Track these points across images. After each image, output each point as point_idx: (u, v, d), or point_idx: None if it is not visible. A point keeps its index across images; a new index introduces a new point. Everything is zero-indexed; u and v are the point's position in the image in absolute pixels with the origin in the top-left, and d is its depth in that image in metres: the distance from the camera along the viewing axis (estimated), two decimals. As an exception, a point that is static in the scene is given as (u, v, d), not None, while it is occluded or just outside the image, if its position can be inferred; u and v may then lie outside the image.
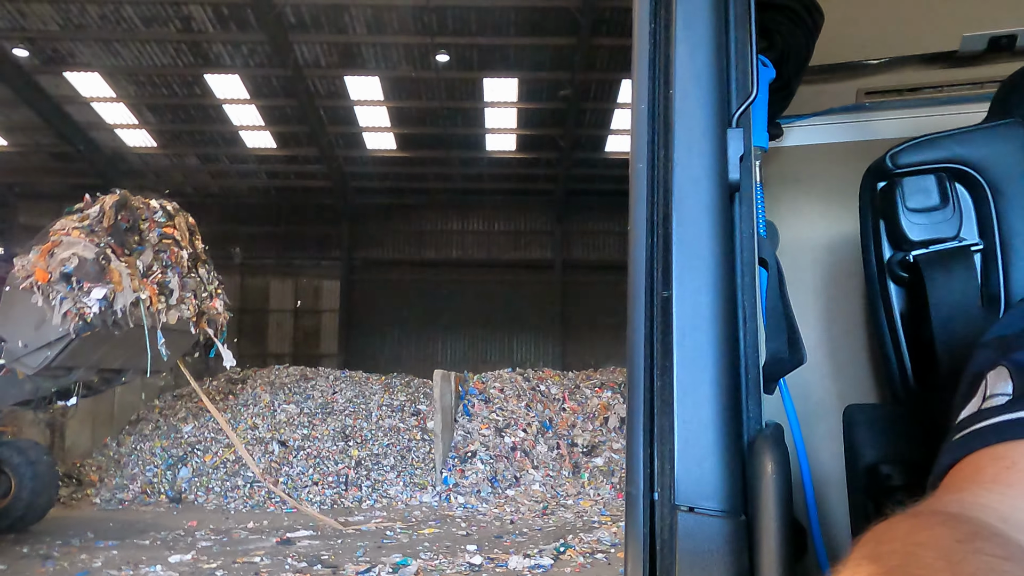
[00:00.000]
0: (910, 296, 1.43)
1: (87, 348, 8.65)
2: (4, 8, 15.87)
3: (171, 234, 9.62)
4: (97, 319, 8.29)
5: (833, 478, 1.69)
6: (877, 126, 2.07)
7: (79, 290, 8.31)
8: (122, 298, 8.47)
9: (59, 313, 8.23)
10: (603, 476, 13.66)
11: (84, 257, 8.39)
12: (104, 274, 8.44)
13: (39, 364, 8.52)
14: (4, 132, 20.60)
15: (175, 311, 9.35)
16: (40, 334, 8.35)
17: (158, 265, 9.26)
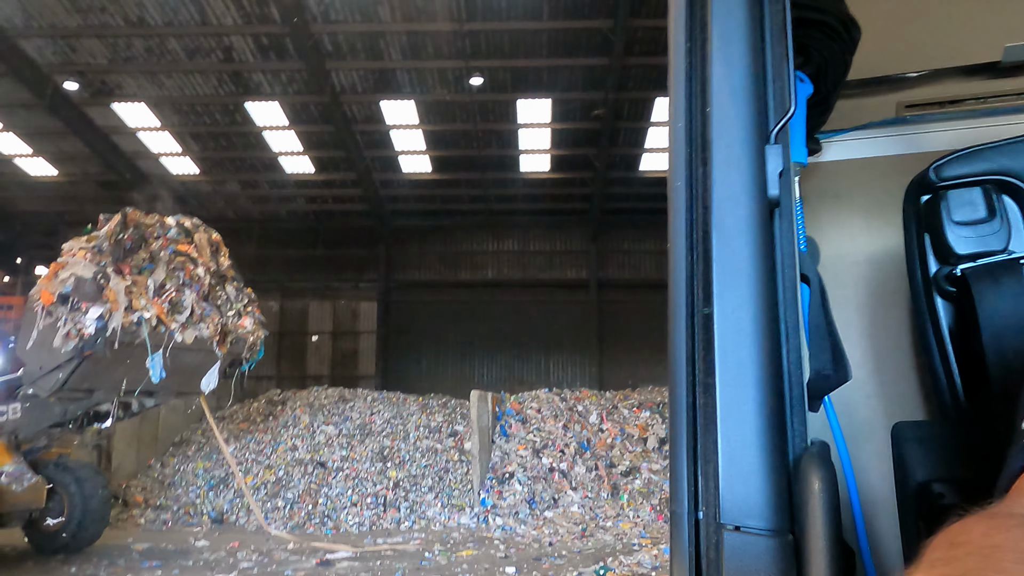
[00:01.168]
0: (958, 310, 1.40)
1: (98, 369, 8.58)
2: (55, 43, 16.53)
3: (186, 251, 9.38)
4: (93, 339, 8.19)
5: (881, 497, 1.66)
6: (918, 139, 2.05)
7: (77, 310, 8.26)
8: (117, 317, 8.32)
9: (61, 334, 8.22)
10: (642, 497, 13.47)
11: (82, 277, 8.33)
12: (102, 293, 8.33)
13: (52, 387, 8.53)
14: (55, 162, 21.34)
15: (192, 330, 9.11)
16: (51, 356, 8.36)
17: (172, 283, 9.06)
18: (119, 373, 8.79)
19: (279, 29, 15.79)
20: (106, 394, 9.13)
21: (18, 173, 21.96)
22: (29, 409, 9.30)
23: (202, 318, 9.24)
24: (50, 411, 9.27)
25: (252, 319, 10.12)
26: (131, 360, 8.68)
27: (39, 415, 9.35)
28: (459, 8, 15.17)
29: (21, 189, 23.11)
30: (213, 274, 9.62)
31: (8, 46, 16.33)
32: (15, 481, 9.58)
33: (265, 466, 14.17)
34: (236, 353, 9.84)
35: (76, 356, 8.20)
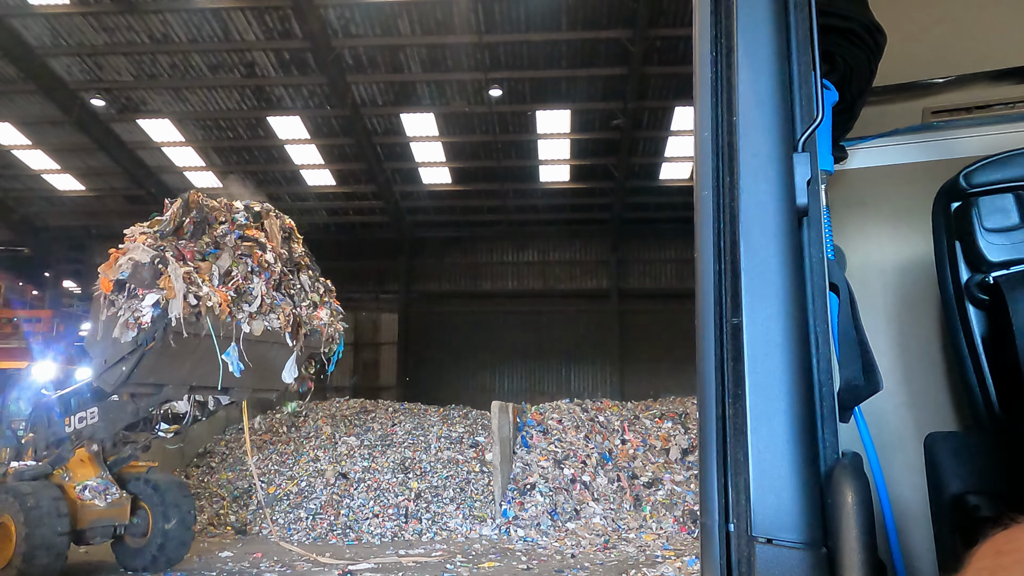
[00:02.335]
0: (991, 319, 1.37)
1: (164, 362, 8.02)
2: (83, 62, 16.87)
3: (254, 236, 8.68)
4: (152, 328, 7.64)
5: (914, 510, 1.63)
6: (946, 145, 2.02)
7: (134, 297, 7.78)
8: (176, 304, 7.72)
9: (121, 324, 7.73)
10: (665, 509, 13.35)
11: (139, 262, 7.81)
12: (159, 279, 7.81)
13: (117, 381, 8.04)
14: (82, 177, 21.72)
15: (261, 321, 8.44)
16: (114, 349, 7.88)
17: (239, 270, 8.37)
18: (187, 367, 8.25)
19: (300, 44, 16.00)
20: (176, 390, 8.53)
21: (46, 188, 22.39)
22: (104, 410, 9.01)
23: (272, 308, 8.58)
24: (123, 411, 8.90)
25: (329, 310, 9.42)
26: (199, 352, 8.11)
27: (113, 416, 8.99)
28: (478, 20, 15.28)
29: (49, 204, 23.55)
30: (285, 262, 8.93)
31: (37, 64, 16.70)
32: (99, 496, 9.29)
33: (287, 477, 14.23)
34: (313, 347, 9.13)
35: (136, 347, 7.68)
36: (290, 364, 8.97)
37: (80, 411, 9.22)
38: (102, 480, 9.44)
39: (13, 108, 18.28)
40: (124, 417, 8.94)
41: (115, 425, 9.05)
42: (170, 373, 8.24)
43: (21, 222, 24.17)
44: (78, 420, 9.28)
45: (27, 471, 9.21)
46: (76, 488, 9.24)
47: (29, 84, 17.10)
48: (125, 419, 8.97)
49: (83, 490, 9.26)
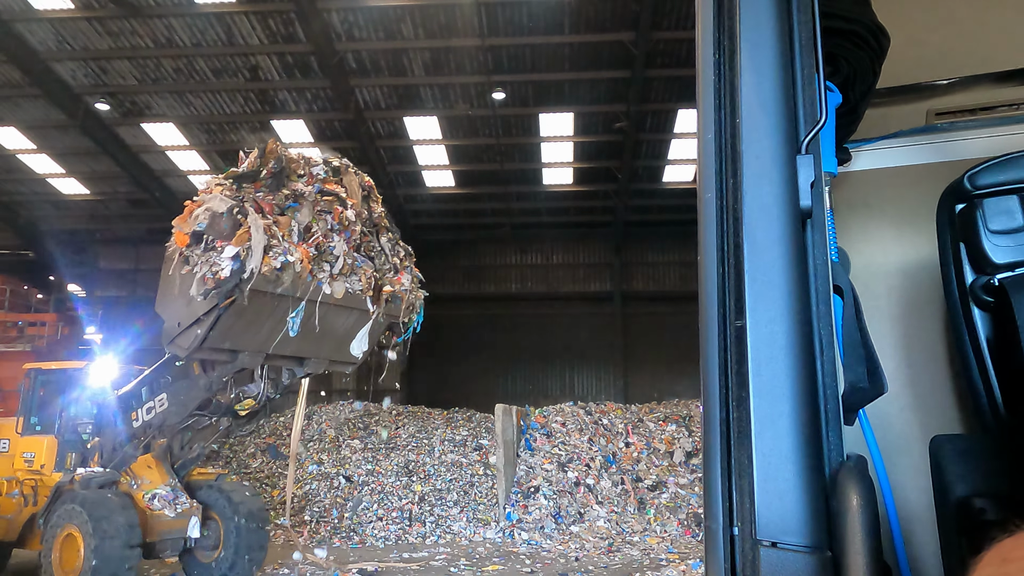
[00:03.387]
0: (996, 321, 1.37)
1: (240, 325, 7.36)
2: (87, 66, 16.94)
3: (334, 191, 8.01)
4: (229, 283, 6.96)
5: (919, 513, 1.62)
6: (950, 147, 2.02)
7: (211, 250, 7.14)
8: (256, 258, 7.06)
9: (197, 280, 7.08)
10: (669, 512, 13.33)
11: (216, 212, 7.19)
12: (238, 230, 7.16)
13: (191, 345, 7.36)
14: (87, 181, 21.79)
15: (341, 283, 7.77)
16: (190, 309, 7.24)
17: (319, 227, 7.69)
18: (264, 331, 7.60)
19: (304, 48, 16.04)
20: (251, 358, 7.83)
21: (51, 192, 22.46)
22: (173, 393, 8.41)
23: (354, 270, 7.91)
24: (195, 387, 8.26)
25: (410, 276, 8.75)
26: (277, 316, 7.51)
27: (184, 396, 8.37)
28: (481, 24, 15.30)
29: (54, 208, 23.62)
30: (364, 222, 8.23)
31: (41, 69, 16.76)
32: (168, 505, 8.79)
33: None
34: (393, 315, 8.44)
35: (214, 305, 7.07)
36: (362, 335, 8.35)
37: (148, 401, 8.65)
38: (171, 488, 8.96)
39: (18, 112, 18.35)
40: (196, 394, 8.31)
41: (187, 406, 8.42)
42: (246, 338, 7.58)
43: (26, 226, 24.25)
44: (146, 412, 8.70)
45: (94, 478, 8.67)
46: (144, 497, 8.78)
47: (34, 88, 17.17)
48: (198, 396, 8.32)
49: (152, 499, 8.76)
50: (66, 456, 9.52)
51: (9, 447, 9.91)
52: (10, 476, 9.49)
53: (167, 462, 9.18)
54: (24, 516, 9.20)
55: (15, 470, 9.59)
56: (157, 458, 9.09)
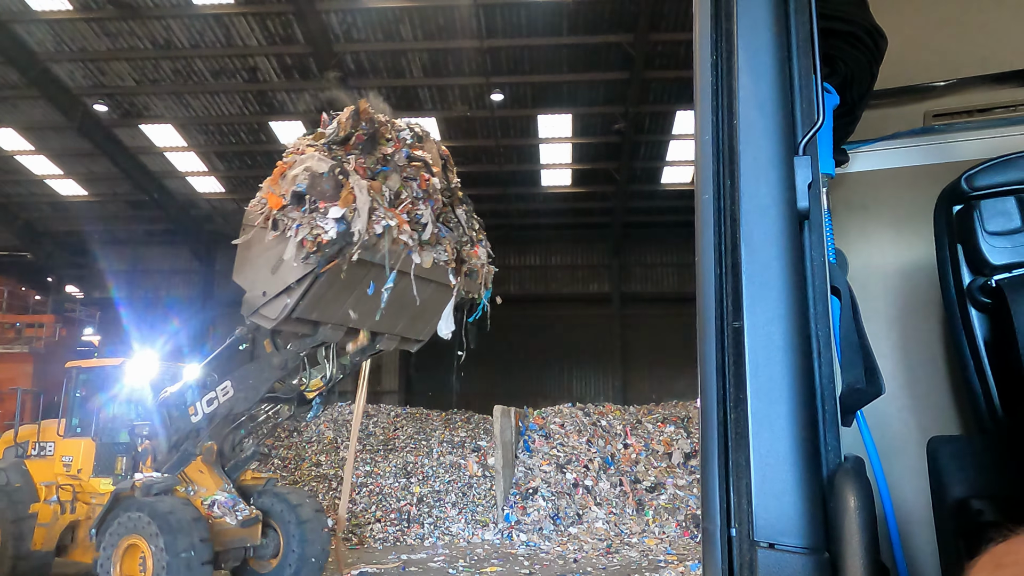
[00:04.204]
0: (994, 322, 1.37)
1: (330, 294, 6.93)
2: (85, 67, 16.93)
3: (421, 156, 7.62)
4: (334, 246, 6.53)
5: (917, 514, 1.62)
6: (947, 149, 2.02)
7: (314, 211, 6.66)
8: (361, 220, 6.64)
9: (294, 244, 6.59)
10: (668, 513, 13.33)
11: (316, 171, 6.73)
12: (341, 191, 6.69)
13: (280, 314, 6.84)
14: (85, 183, 21.77)
15: (429, 252, 7.33)
16: (278, 277, 6.75)
17: (407, 193, 7.26)
18: (349, 302, 7.12)
19: (303, 49, 16.03)
20: (332, 331, 7.34)
21: (49, 194, 22.44)
22: (240, 378, 7.87)
23: (439, 240, 7.49)
24: (267, 368, 7.73)
25: (484, 249, 8.35)
26: (363, 286, 7.02)
27: (254, 379, 7.84)
28: (479, 25, 15.30)
29: (52, 209, 23.60)
30: (444, 191, 7.84)
31: (40, 70, 16.75)
32: (228, 513, 8.15)
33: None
34: (470, 289, 8.06)
35: (309, 271, 6.61)
36: (447, 313, 7.92)
37: (208, 391, 8.07)
38: (229, 494, 8.34)
39: (16, 113, 18.33)
40: (269, 375, 7.78)
41: (258, 390, 7.87)
42: (331, 310, 7.05)
43: (24, 227, 24.22)
44: (206, 404, 8.10)
45: (155, 483, 8.05)
46: (204, 504, 8.18)
47: (32, 89, 17.15)
48: (270, 377, 7.80)
49: (211, 506, 8.13)
50: (108, 460, 8.99)
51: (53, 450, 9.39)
52: (49, 481, 8.99)
53: (218, 466, 8.54)
54: (62, 524, 8.69)
55: (55, 475, 9.09)
56: (206, 462, 8.45)
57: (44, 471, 9.09)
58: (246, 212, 7.20)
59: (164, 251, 25.25)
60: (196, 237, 24.52)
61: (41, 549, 8.64)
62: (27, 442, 9.55)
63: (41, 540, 8.63)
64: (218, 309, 25.13)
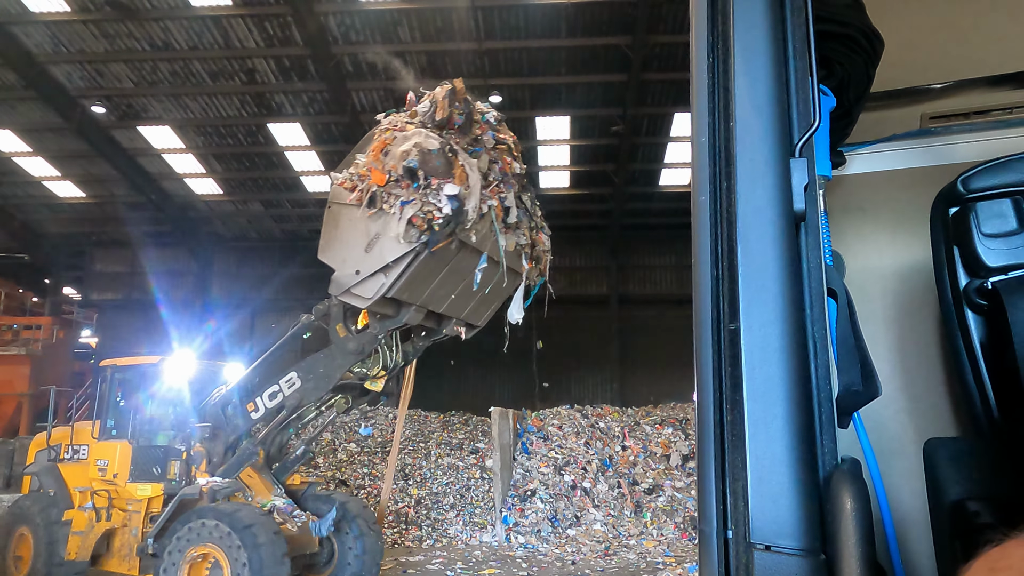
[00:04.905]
0: (990, 324, 1.37)
1: (427, 274, 6.71)
2: (83, 69, 16.91)
3: (505, 139, 7.50)
4: (446, 224, 6.36)
5: (914, 516, 1.62)
6: (944, 151, 2.02)
7: (427, 188, 6.43)
8: (473, 199, 6.50)
9: (403, 221, 6.35)
10: (666, 515, 13.32)
11: (427, 148, 6.46)
12: (452, 170, 6.49)
13: (375, 293, 6.59)
14: (82, 184, 21.74)
15: (513, 235, 7.22)
16: (374, 255, 6.52)
17: (493, 175, 7.13)
18: (434, 284, 6.94)
19: (301, 51, 16.04)
20: (415, 314, 7.11)
21: (47, 195, 22.41)
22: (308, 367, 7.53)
23: (519, 223, 7.36)
24: (340, 352, 7.38)
25: (547, 235, 8.19)
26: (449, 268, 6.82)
27: (325, 367, 7.48)
28: (477, 27, 15.31)
29: (50, 211, 23.57)
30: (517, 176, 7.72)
31: (37, 72, 16.73)
32: (288, 519, 7.70)
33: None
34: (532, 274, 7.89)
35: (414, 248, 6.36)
36: (518, 297, 7.70)
37: (270, 385, 7.74)
38: (285, 500, 7.95)
39: (14, 115, 18.31)
40: (343, 361, 7.46)
41: (331, 378, 7.53)
42: (418, 291, 6.80)
43: (21, 229, 24.18)
44: (269, 398, 7.75)
45: (222, 489, 7.62)
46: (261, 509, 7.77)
47: (30, 91, 17.13)
48: (345, 364, 7.48)
49: (270, 512, 7.68)
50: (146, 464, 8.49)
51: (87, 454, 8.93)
52: (84, 487, 8.53)
53: (266, 469, 8.14)
54: (98, 532, 8.27)
55: (89, 480, 8.62)
56: (254, 466, 8.07)
57: (78, 476, 8.69)
58: (332, 189, 6.97)
59: (162, 253, 25.22)
60: (194, 239, 24.50)
61: (76, 559, 8.18)
62: (59, 445, 9.14)
63: (75, 549, 8.21)
64: (216, 311, 25.12)
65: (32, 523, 8.42)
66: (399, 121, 7.04)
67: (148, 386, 8.98)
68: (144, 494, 8.20)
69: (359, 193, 6.66)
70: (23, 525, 8.54)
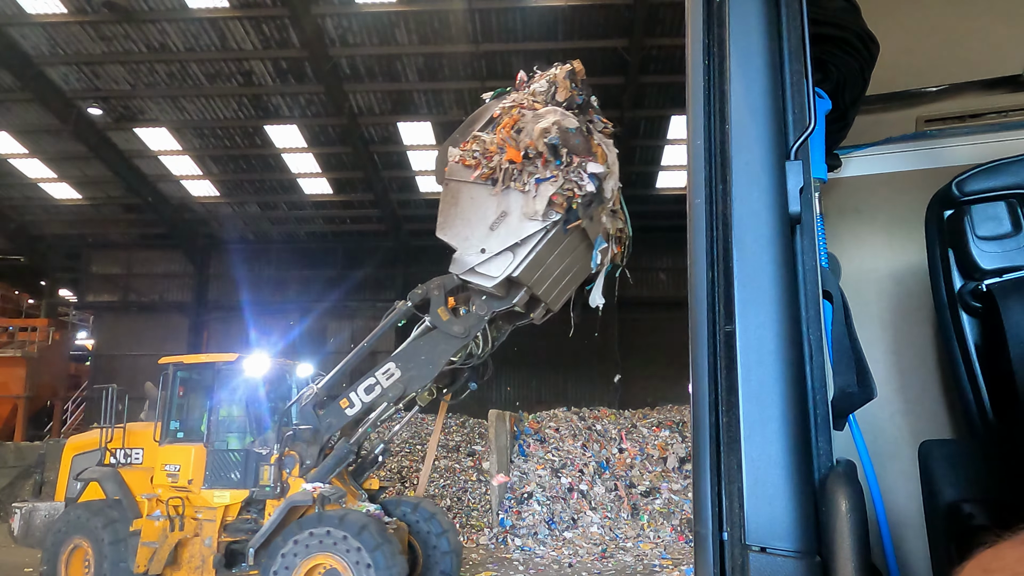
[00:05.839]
0: (984, 326, 1.38)
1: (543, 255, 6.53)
2: (80, 70, 16.89)
3: (607, 123, 7.22)
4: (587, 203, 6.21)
5: (909, 518, 1.62)
6: (939, 154, 2.03)
7: (568, 166, 6.23)
8: (612, 179, 6.40)
9: (540, 199, 6.14)
10: (663, 518, 13.32)
11: (566, 126, 6.26)
12: (590, 149, 6.33)
13: (502, 272, 6.40)
14: (78, 186, 21.70)
15: (613, 217, 7.07)
16: (501, 233, 6.29)
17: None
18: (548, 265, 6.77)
19: (298, 53, 16.03)
20: (524, 295, 6.96)
21: (43, 197, 22.36)
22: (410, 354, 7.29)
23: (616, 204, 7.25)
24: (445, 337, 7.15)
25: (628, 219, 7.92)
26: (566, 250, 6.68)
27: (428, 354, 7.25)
28: (475, 29, 15.33)
29: (46, 213, 23.52)
30: None
31: (34, 73, 16.71)
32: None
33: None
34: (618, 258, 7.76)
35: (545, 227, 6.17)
36: (600, 282, 7.56)
37: (366, 378, 7.45)
38: (375, 504, 7.66)
39: (10, 117, 18.27)
40: (448, 346, 7.23)
41: (436, 364, 7.27)
42: (530, 272, 6.59)
43: (17, 231, 24.13)
44: (365, 392, 7.42)
45: (331, 494, 7.32)
46: None
47: (26, 93, 17.10)
48: (450, 348, 7.26)
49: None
50: (222, 469, 8.03)
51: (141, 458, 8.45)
52: (148, 494, 7.99)
53: (347, 472, 7.88)
54: (171, 543, 7.74)
55: (155, 487, 8.11)
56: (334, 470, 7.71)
57: (140, 482, 8.18)
58: (451, 167, 6.77)
59: (158, 255, 25.19)
60: (191, 241, 24.46)
61: (147, 571, 7.61)
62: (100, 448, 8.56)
63: (145, 561, 7.60)
64: (212, 313, 25.08)
65: (92, 534, 7.79)
66: (524, 99, 6.85)
67: (224, 386, 8.45)
68: (222, 501, 7.82)
69: (485, 170, 6.46)
70: (79, 536, 7.90)
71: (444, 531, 8.12)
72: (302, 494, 7.35)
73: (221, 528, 7.86)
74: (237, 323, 24.77)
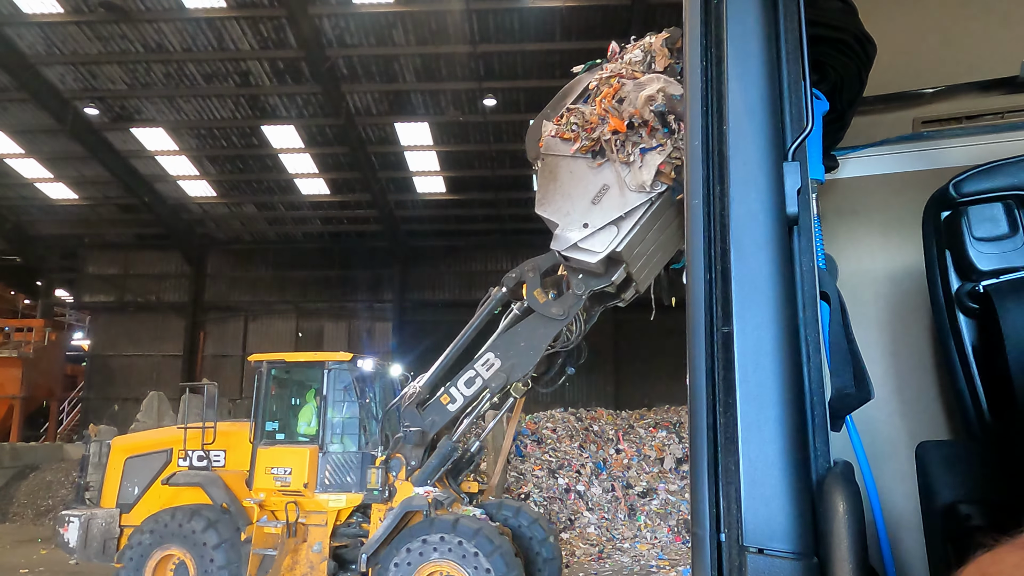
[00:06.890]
0: (982, 327, 1.38)
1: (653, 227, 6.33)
2: (77, 70, 16.87)
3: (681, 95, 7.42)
4: None
5: (906, 519, 1.62)
6: (936, 155, 2.03)
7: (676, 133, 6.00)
8: None
9: (647, 169, 5.96)
10: (660, 519, 13.33)
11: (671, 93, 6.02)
12: None
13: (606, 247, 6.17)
14: (75, 186, 21.67)
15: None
16: (604, 207, 6.08)
17: None
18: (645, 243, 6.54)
19: (295, 53, 16.02)
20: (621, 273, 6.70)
21: (40, 197, 22.32)
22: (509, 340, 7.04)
23: None
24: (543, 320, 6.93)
25: None
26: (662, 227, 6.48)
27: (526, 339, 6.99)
28: (472, 30, 15.33)
29: (42, 213, 23.48)
30: None
31: (31, 74, 16.68)
32: None
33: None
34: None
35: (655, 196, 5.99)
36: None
37: (465, 372, 7.24)
38: (477, 507, 7.43)
39: (6, 116, 18.24)
40: (548, 329, 7.00)
41: (537, 349, 7.02)
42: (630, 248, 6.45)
43: (14, 231, 24.09)
44: (465, 385, 7.20)
45: (443, 498, 7.07)
46: None
47: (22, 92, 17.07)
48: (550, 331, 7.03)
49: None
50: (335, 472, 7.70)
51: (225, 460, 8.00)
52: (254, 499, 7.58)
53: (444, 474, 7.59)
54: (287, 550, 7.41)
55: (258, 490, 7.69)
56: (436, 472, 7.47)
57: (234, 486, 7.75)
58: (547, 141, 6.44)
59: (155, 255, 25.15)
60: (187, 241, 24.43)
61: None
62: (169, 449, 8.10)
63: (253, 570, 7.26)
64: (209, 314, 25.04)
65: (190, 543, 7.29)
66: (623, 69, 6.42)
67: (338, 386, 8.14)
68: (337, 505, 7.53)
69: (586, 142, 6.17)
70: (171, 545, 7.36)
71: (546, 536, 7.92)
72: (417, 499, 7.09)
73: (331, 533, 7.61)
74: (234, 324, 24.76)
